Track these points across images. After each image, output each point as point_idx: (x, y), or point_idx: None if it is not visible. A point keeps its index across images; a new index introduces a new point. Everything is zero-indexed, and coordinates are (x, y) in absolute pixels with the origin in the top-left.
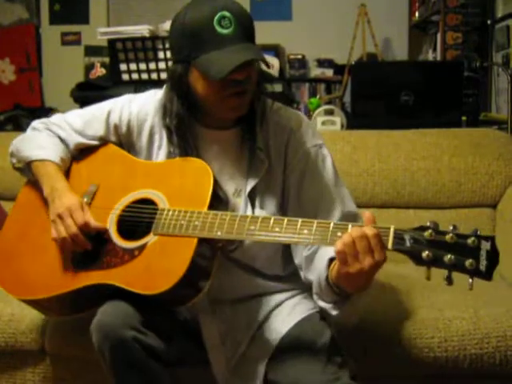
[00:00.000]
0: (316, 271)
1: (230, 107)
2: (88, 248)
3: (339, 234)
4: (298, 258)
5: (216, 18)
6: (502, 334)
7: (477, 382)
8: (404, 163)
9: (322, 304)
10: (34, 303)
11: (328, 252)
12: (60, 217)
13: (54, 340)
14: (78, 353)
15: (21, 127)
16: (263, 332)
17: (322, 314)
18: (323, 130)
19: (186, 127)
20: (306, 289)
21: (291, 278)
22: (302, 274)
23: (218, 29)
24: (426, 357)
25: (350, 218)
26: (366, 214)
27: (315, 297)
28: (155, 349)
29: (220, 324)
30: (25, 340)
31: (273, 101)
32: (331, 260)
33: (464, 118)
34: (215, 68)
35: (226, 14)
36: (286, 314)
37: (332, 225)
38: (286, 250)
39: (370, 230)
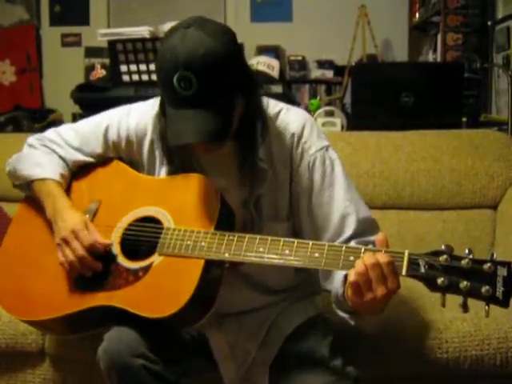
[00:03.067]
0: (333, 283)
1: (199, 151)
2: (98, 269)
3: (351, 258)
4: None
5: (176, 77)
6: (502, 335)
7: None
8: (404, 164)
9: (340, 314)
10: (35, 323)
11: None
12: (65, 240)
13: (54, 341)
14: (78, 354)
15: (21, 128)
16: (270, 338)
17: (324, 317)
18: (323, 132)
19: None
20: (309, 293)
21: (298, 286)
22: (320, 282)
23: (177, 88)
24: (426, 358)
25: (367, 224)
26: (379, 236)
27: (334, 306)
28: (163, 373)
29: (228, 335)
30: (25, 341)
31: (273, 101)
32: (346, 276)
33: (464, 120)
34: (169, 132)
35: (186, 74)
36: (290, 318)
37: (344, 248)
38: None
39: (382, 258)
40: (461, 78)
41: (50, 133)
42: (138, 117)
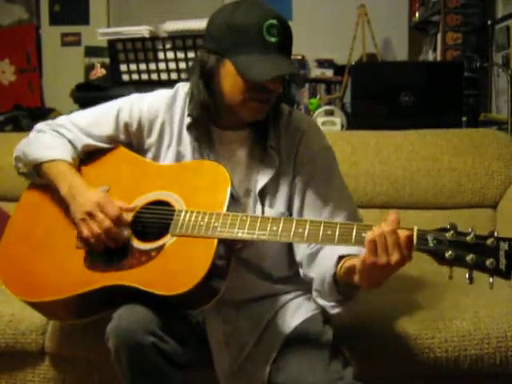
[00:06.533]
0: (320, 269)
1: (250, 110)
2: (124, 239)
3: (363, 234)
4: (300, 255)
5: (266, 24)
6: (502, 334)
7: (477, 383)
8: (404, 164)
9: (321, 302)
10: (41, 306)
11: (336, 250)
12: (90, 214)
13: (54, 341)
14: (78, 353)
15: (21, 128)
16: (268, 333)
17: (325, 314)
18: (323, 131)
19: (206, 121)
20: (309, 289)
21: (296, 278)
22: (301, 271)
23: (266, 35)
24: (426, 357)
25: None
26: (392, 216)
27: (314, 294)
28: (172, 354)
29: (225, 324)
30: (25, 341)
31: (286, 104)
32: (340, 258)
33: (464, 119)
34: (256, 70)
35: (276, 23)
36: (290, 315)
37: (356, 226)
38: (291, 248)
39: (402, 232)
40: (460, 77)
41: (61, 118)
42: (150, 101)
